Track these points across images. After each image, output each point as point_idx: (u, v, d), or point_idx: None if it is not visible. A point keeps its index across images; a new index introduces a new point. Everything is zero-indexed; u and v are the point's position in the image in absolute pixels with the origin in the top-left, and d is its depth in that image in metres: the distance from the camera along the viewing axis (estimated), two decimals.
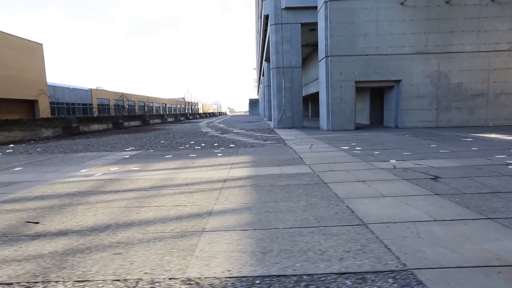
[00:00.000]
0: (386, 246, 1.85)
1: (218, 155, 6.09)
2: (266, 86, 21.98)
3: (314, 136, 9.09)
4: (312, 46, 19.47)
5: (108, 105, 35.29)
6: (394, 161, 4.65)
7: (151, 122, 24.54)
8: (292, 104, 13.36)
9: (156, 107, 52.40)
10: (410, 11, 10.36)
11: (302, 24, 13.06)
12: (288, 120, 13.46)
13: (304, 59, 22.76)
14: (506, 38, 10.40)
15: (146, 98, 45.63)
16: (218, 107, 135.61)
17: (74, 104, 29.48)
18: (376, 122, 13.71)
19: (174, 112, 55.05)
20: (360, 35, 10.46)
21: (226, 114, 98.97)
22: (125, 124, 19.51)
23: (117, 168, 5.00)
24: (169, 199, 3.07)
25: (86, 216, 2.67)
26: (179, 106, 66.59)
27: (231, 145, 7.81)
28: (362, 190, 3.11)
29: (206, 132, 12.93)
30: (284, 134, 10.14)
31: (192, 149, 7.26)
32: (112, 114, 33.22)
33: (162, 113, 41.03)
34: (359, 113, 14.54)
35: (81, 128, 14.76)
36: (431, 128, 10.38)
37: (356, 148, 6.26)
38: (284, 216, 2.46)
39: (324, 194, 3.04)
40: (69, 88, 28.45)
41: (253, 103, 59.53)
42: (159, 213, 2.67)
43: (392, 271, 1.58)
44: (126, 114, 27.95)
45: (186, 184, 3.71)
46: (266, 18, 14.34)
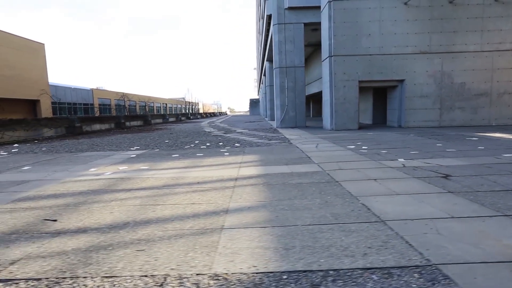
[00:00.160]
0: (407, 242, 1.87)
1: (225, 154, 6.11)
2: (268, 86, 22.00)
3: (318, 136, 9.11)
4: (313, 46, 19.50)
5: (110, 105, 35.31)
6: (402, 160, 4.67)
7: (153, 122, 24.56)
8: (295, 104, 13.39)
9: (157, 107, 52.44)
10: (413, 10, 10.39)
11: (304, 24, 13.08)
12: (291, 119, 13.48)
13: (306, 59, 22.75)
14: (509, 38, 10.42)
15: (147, 98, 45.66)
16: (218, 107, 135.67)
17: (75, 104, 29.50)
18: (378, 121, 13.74)
19: (175, 112, 55.07)
20: (364, 35, 10.48)
21: (226, 114, 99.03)
22: (127, 124, 19.53)
23: (126, 167, 5.02)
24: (183, 197, 3.09)
25: (103, 214, 2.69)
26: (179, 106, 66.61)
27: (236, 144, 7.83)
28: (375, 188, 3.13)
29: (209, 132, 12.94)
30: (288, 134, 10.16)
31: (197, 148, 7.28)
32: (114, 114, 33.23)
33: (163, 113, 41.05)
34: (362, 112, 14.56)
35: (84, 128, 14.78)
36: (435, 128, 10.40)
37: (362, 147, 6.28)
38: (301, 213, 2.48)
39: (338, 192, 3.06)
40: (70, 88, 28.47)
41: (253, 103, 59.55)
42: (176, 211, 2.69)
43: (417, 266, 1.60)
44: (127, 114, 27.96)
45: (198, 182, 3.73)
46: (268, 18, 14.36)
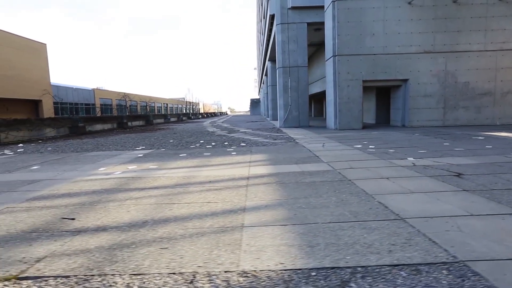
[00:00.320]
0: (430, 239, 1.88)
1: (232, 153, 6.12)
2: (270, 86, 22.02)
3: (323, 135, 9.12)
4: (315, 45, 19.50)
5: (111, 105, 35.32)
6: (411, 158, 4.68)
7: (155, 122, 24.57)
8: (298, 103, 13.40)
9: (157, 107, 52.44)
10: (417, 10, 10.40)
11: (308, 24, 13.09)
12: (294, 119, 13.49)
13: (308, 59, 22.76)
14: None
15: (148, 98, 45.66)
16: (218, 107, 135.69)
17: (77, 104, 29.50)
18: (381, 121, 13.75)
19: (175, 112, 55.08)
20: (368, 35, 10.49)
21: (227, 114, 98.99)
22: (129, 124, 19.53)
23: (135, 166, 5.03)
24: (198, 196, 3.10)
25: (120, 212, 2.70)
26: (180, 106, 66.62)
27: (242, 144, 7.83)
28: (389, 187, 3.14)
29: (212, 132, 12.95)
30: (292, 133, 10.17)
31: (203, 148, 7.29)
32: (115, 114, 33.24)
33: (164, 113, 41.05)
34: (365, 112, 14.54)
35: (87, 128, 14.79)
36: (439, 127, 10.41)
37: (370, 146, 6.29)
38: (319, 211, 2.49)
39: (352, 190, 3.07)
40: (72, 88, 28.47)
41: (254, 103, 59.53)
42: (192, 209, 2.70)
43: (444, 263, 1.61)
44: (129, 114, 27.97)
45: (210, 181, 3.74)
46: (271, 17, 14.36)
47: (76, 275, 1.66)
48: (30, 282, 1.62)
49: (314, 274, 1.57)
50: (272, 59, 21.58)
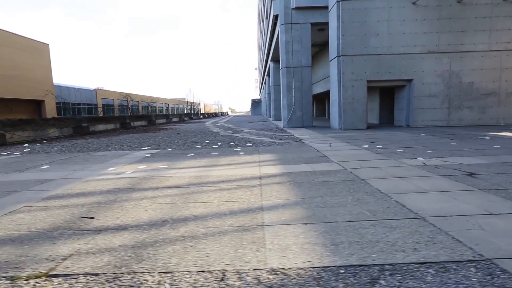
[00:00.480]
0: (454, 238, 1.89)
1: (240, 153, 6.13)
2: (273, 86, 22.02)
3: (328, 135, 9.13)
4: (318, 46, 19.52)
5: (113, 105, 35.36)
6: (421, 158, 4.70)
7: (157, 122, 24.60)
8: (302, 103, 13.41)
9: (159, 107, 52.49)
10: (422, 10, 10.41)
11: (311, 24, 13.11)
12: (298, 119, 13.50)
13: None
14: None
15: (150, 99, 45.70)
16: (219, 107, 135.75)
17: (79, 104, 29.55)
18: (385, 121, 13.76)
19: (177, 112, 55.12)
20: (372, 35, 10.50)
21: (228, 114, 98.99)
22: (132, 124, 19.56)
23: (144, 166, 5.04)
24: (213, 196, 3.12)
25: (138, 211, 2.71)
26: (181, 106, 66.67)
27: (248, 144, 7.85)
28: (403, 186, 3.15)
29: (216, 132, 12.96)
30: (297, 133, 10.19)
31: (210, 148, 7.30)
32: (117, 114, 33.28)
33: (166, 113, 41.10)
34: (369, 112, 14.56)
35: (90, 128, 14.81)
36: (443, 127, 10.42)
37: (377, 146, 6.30)
38: (337, 210, 2.51)
39: (367, 189, 3.08)
40: (74, 88, 28.52)
41: (255, 103, 59.60)
42: (210, 208, 2.71)
43: (471, 261, 1.62)
44: (131, 114, 28.01)
45: (223, 181, 3.75)
46: (275, 18, 14.38)
47: (105, 273, 1.68)
48: (60, 279, 1.64)
49: (342, 271, 1.59)
50: (275, 59, 21.60)
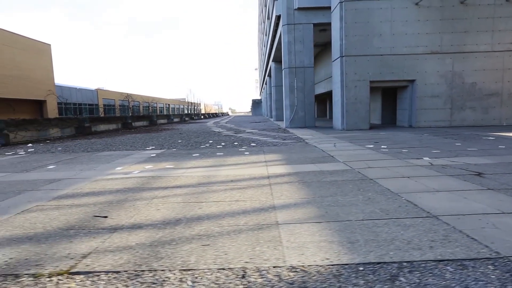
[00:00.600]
0: (468, 236, 1.92)
1: (245, 153, 6.15)
2: (274, 87, 22.05)
3: (331, 135, 9.15)
4: (320, 46, 19.55)
5: (114, 105, 35.40)
6: (427, 158, 4.72)
7: (158, 122, 24.62)
8: (304, 104, 13.44)
9: (160, 107, 52.53)
10: (424, 11, 10.44)
11: (313, 25, 13.14)
12: (300, 120, 13.53)
13: None
14: None
15: (151, 99, 45.74)
16: (219, 108, 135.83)
17: (81, 104, 29.59)
18: (387, 121, 13.79)
19: (177, 113, 55.15)
20: (375, 35, 10.53)
21: (228, 114, 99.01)
22: (133, 124, 19.58)
23: (151, 166, 5.06)
24: (224, 195, 3.14)
25: (150, 211, 2.73)
26: (182, 106, 66.73)
27: (252, 144, 7.87)
28: (412, 185, 3.17)
29: (219, 132, 12.99)
30: (300, 134, 10.21)
31: (214, 148, 7.32)
32: (118, 114, 33.30)
33: (166, 113, 41.12)
34: (371, 112, 14.58)
35: (92, 128, 14.83)
36: (446, 128, 10.45)
37: (381, 146, 6.32)
38: (349, 209, 2.53)
39: (377, 189, 3.10)
40: (76, 88, 28.56)
41: (256, 104, 59.65)
42: (222, 207, 2.73)
43: (488, 259, 1.64)
44: (132, 114, 28.04)
45: (231, 180, 3.77)
46: (277, 18, 14.41)
47: (126, 271, 1.70)
48: (82, 277, 1.66)
49: (361, 268, 1.61)
50: (277, 60, 21.62)
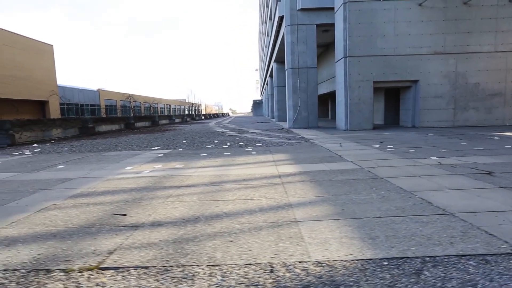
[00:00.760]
0: (487, 232, 1.96)
1: (252, 153, 6.19)
2: (276, 87, 22.10)
3: (336, 135, 9.20)
4: (322, 47, 19.60)
5: (115, 106, 35.47)
6: (435, 158, 4.76)
7: (160, 123, 24.66)
8: (307, 104, 13.49)
9: (161, 108, 52.59)
10: (428, 12, 10.50)
11: (316, 25, 13.19)
12: (304, 120, 13.58)
13: None
14: None
15: (152, 100, 45.80)
16: (219, 108, 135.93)
17: (83, 105, 29.65)
18: (390, 122, 13.83)
19: (178, 113, 55.20)
20: (379, 36, 10.58)
21: (229, 115, 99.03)
22: (136, 124, 19.62)
23: (160, 165, 5.10)
24: (238, 194, 3.17)
25: (168, 209, 2.77)
26: (183, 107, 66.81)
27: (258, 144, 7.91)
28: (424, 184, 3.21)
29: (222, 132, 13.03)
30: (304, 134, 10.25)
31: (220, 148, 7.36)
32: (119, 115, 33.35)
33: (167, 114, 41.15)
34: (374, 113, 14.62)
35: (96, 128, 14.87)
36: (449, 128, 10.50)
37: (388, 146, 6.36)
38: (365, 207, 2.57)
39: (389, 187, 3.14)
40: (78, 89, 28.62)
41: (256, 104, 59.70)
42: (239, 205, 2.77)
43: (509, 254, 1.68)
44: (133, 115, 28.08)
45: (243, 180, 3.81)
46: (280, 19, 14.47)
47: (154, 266, 1.73)
48: (112, 272, 1.70)
49: (386, 263, 1.65)
50: (279, 60, 21.68)
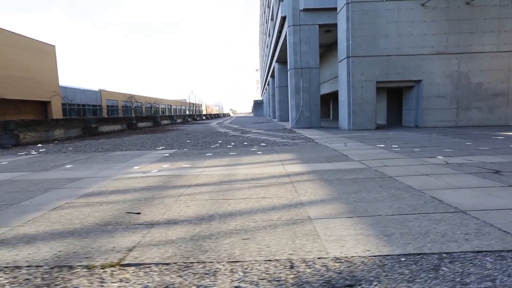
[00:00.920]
0: (501, 229, 1.99)
1: (258, 153, 6.23)
2: (278, 87, 22.13)
3: (339, 135, 9.23)
4: (324, 47, 19.62)
5: (117, 106, 35.54)
6: (441, 157, 4.79)
7: (162, 123, 24.70)
8: (310, 104, 13.52)
9: (162, 108, 52.64)
10: (430, 12, 10.53)
11: (319, 26, 13.22)
12: (306, 120, 13.61)
13: None
14: None
15: (153, 100, 45.86)
16: (220, 109, 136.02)
17: (84, 105, 29.72)
18: (392, 122, 13.86)
19: (179, 113, 55.27)
20: (382, 36, 10.62)
21: (229, 115, 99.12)
22: (138, 125, 19.66)
23: (168, 165, 5.13)
24: (249, 192, 3.20)
25: (181, 207, 2.80)
26: (183, 107, 66.89)
27: (262, 144, 7.94)
28: (433, 183, 3.24)
29: (225, 132, 13.06)
30: (307, 134, 10.28)
31: (225, 148, 7.39)
32: (121, 115, 33.41)
33: (169, 114, 41.20)
34: (377, 113, 14.66)
35: (99, 128, 14.92)
36: (453, 128, 10.52)
37: (392, 146, 6.39)
38: (377, 205, 2.60)
39: (398, 186, 3.17)
40: (80, 89, 28.69)
41: (257, 104, 59.77)
42: (251, 204, 2.80)
43: None
44: (135, 115, 28.14)
45: (252, 179, 3.84)
46: (283, 19, 14.50)
47: (175, 263, 1.76)
48: (134, 268, 1.73)
49: (403, 259, 1.68)
50: (281, 61, 21.71)
